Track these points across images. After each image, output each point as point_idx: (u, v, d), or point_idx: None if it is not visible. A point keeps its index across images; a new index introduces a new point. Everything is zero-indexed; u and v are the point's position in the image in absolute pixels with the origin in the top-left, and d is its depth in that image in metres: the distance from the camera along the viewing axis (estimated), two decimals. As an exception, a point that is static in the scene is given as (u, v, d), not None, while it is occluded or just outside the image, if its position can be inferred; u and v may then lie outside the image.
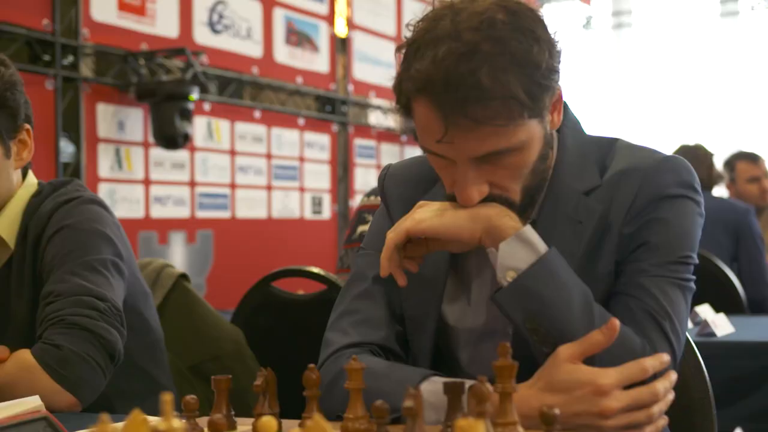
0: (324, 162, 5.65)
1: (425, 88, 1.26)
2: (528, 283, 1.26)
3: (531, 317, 1.26)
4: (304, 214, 5.45)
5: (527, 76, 1.25)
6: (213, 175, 4.74)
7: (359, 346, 1.43)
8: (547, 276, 1.26)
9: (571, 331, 1.24)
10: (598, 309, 1.29)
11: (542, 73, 1.27)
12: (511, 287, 1.27)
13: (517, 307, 1.27)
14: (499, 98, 1.24)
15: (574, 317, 1.26)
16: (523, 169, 1.32)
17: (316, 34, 5.56)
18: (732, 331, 2.67)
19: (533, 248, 1.27)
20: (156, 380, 2.05)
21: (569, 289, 1.27)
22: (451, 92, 1.24)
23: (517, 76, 1.24)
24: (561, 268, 1.28)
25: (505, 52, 1.24)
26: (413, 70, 1.28)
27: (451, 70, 1.23)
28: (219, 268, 4.70)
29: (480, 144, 1.27)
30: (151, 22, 4.37)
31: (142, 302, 2.01)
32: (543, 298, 1.25)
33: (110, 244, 1.85)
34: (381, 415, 1.08)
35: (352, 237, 2.92)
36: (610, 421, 1.20)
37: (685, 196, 1.36)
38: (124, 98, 4.22)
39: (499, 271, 1.28)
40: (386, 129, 6.25)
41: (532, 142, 1.31)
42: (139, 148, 4.30)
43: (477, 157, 1.28)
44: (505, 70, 1.23)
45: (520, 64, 1.24)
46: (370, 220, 2.85)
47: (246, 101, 5.03)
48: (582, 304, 1.27)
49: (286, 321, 2.42)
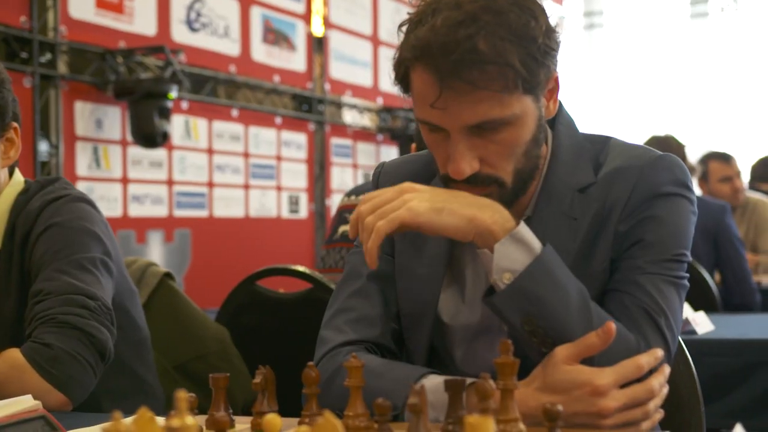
0: (301, 161, 5.65)
1: (422, 54, 1.28)
2: (526, 285, 1.25)
3: (529, 319, 1.25)
4: (281, 213, 5.44)
5: (523, 47, 1.27)
6: (190, 174, 4.73)
7: (355, 344, 1.43)
8: (544, 276, 1.25)
9: (570, 331, 1.25)
10: (595, 307, 1.29)
11: (538, 48, 1.29)
12: (508, 290, 1.26)
13: (515, 310, 1.26)
14: (494, 63, 1.26)
15: (572, 317, 1.26)
16: (515, 147, 1.32)
17: (293, 33, 5.55)
18: (712, 328, 2.70)
19: (528, 248, 1.26)
20: (143, 379, 2.05)
21: (566, 288, 1.27)
22: (447, 55, 1.25)
23: (513, 45, 1.26)
24: (556, 266, 1.27)
25: (503, 23, 1.26)
26: (412, 38, 1.31)
27: (449, 36, 1.26)
28: (197, 267, 4.68)
29: (473, 110, 1.28)
30: (128, 20, 4.35)
31: (129, 300, 2.00)
32: (541, 300, 1.25)
33: (99, 243, 1.85)
34: (383, 413, 1.09)
35: (333, 237, 2.92)
36: (607, 421, 1.21)
37: (679, 194, 1.38)
38: (102, 96, 4.20)
39: (495, 273, 1.26)
40: (362, 128, 6.25)
41: (525, 118, 1.32)
42: (117, 147, 4.28)
43: (470, 126, 1.28)
44: (502, 39, 1.26)
45: (517, 36, 1.27)
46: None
47: (223, 100, 5.01)
48: (579, 303, 1.27)
49: (272, 320, 2.42)
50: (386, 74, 6.78)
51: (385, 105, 6.41)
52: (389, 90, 6.48)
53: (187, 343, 2.31)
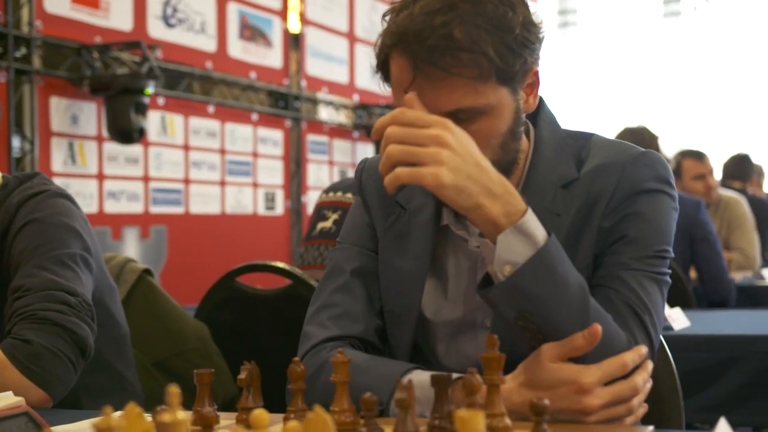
0: (277, 158, 5.63)
1: (399, 41, 1.30)
2: (523, 281, 1.23)
3: (523, 315, 1.24)
4: (257, 210, 5.43)
5: (499, 37, 1.28)
6: (167, 171, 4.70)
7: (339, 340, 1.43)
8: (544, 272, 1.23)
9: (563, 331, 1.24)
10: (594, 305, 1.28)
11: (514, 38, 1.30)
12: (505, 284, 1.24)
13: (510, 305, 1.25)
14: (468, 50, 1.27)
15: (568, 316, 1.25)
16: (491, 139, 1.33)
17: (269, 29, 5.54)
18: (688, 324, 2.73)
19: (532, 241, 1.24)
20: (122, 376, 2.04)
21: (566, 285, 1.25)
22: (422, 42, 1.27)
23: (489, 34, 1.28)
24: (558, 260, 1.25)
25: (480, 12, 1.28)
26: (391, 25, 1.33)
27: (425, 23, 1.27)
28: (173, 263, 4.66)
29: (448, 97, 1.29)
30: (104, 15, 4.32)
31: (108, 297, 1.99)
32: (538, 297, 1.23)
33: (79, 238, 1.84)
34: (370, 408, 1.09)
35: (311, 234, 2.91)
36: (591, 418, 1.22)
37: (662, 190, 1.40)
38: (77, 92, 4.17)
39: (496, 264, 1.24)
40: (338, 125, 6.25)
41: (501, 109, 1.32)
42: (92, 143, 4.25)
43: (444, 113, 1.28)
44: (477, 27, 1.27)
45: (494, 25, 1.28)
46: (329, 216, 2.86)
47: (200, 96, 4.99)
48: (578, 301, 1.25)
49: (251, 316, 2.41)
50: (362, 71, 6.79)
51: (362, 102, 6.41)
52: (365, 87, 6.48)
53: (166, 340, 2.30)
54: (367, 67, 6.51)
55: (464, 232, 1.46)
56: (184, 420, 0.81)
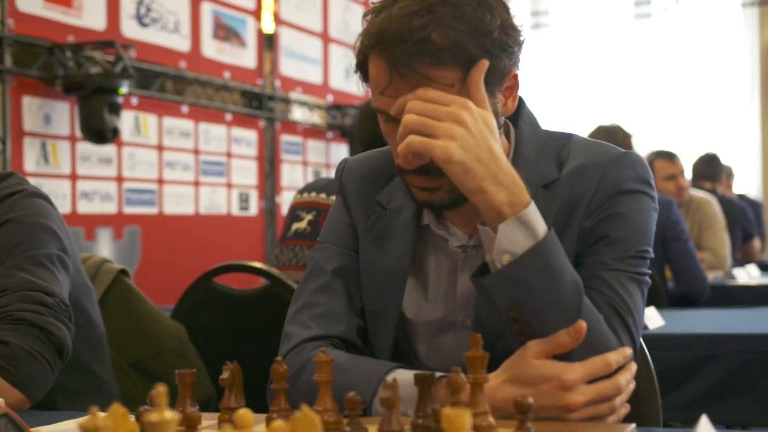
0: (251, 158, 5.62)
1: (377, 42, 1.30)
2: (520, 271, 1.24)
3: (515, 305, 1.25)
4: (231, 211, 5.41)
5: (476, 40, 1.29)
6: (140, 171, 4.68)
7: (321, 340, 1.43)
8: (540, 264, 1.24)
9: (551, 326, 1.25)
10: (588, 306, 1.28)
11: (492, 42, 1.30)
12: (502, 273, 1.25)
13: (503, 294, 1.25)
14: (446, 54, 1.28)
15: (558, 312, 1.25)
16: None
17: (243, 29, 5.53)
18: (663, 324, 2.75)
19: (532, 232, 1.25)
20: (98, 377, 2.03)
21: (560, 280, 1.25)
22: (400, 44, 1.27)
23: (467, 37, 1.28)
24: (556, 255, 1.26)
25: (458, 15, 1.28)
26: (370, 26, 1.33)
27: (403, 25, 1.28)
28: (146, 264, 4.64)
29: None
30: (77, 14, 4.29)
31: (85, 297, 1.98)
32: (531, 289, 1.24)
33: (55, 238, 1.83)
34: (354, 407, 1.09)
35: (286, 235, 2.91)
36: (574, 415, 1.23)
37: (642, 191, 1.41)
38: (50, 91, 4.13)
39: (495, 253, 1.25)
40: (312, 125, 6.24)
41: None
42: (65, 143, 4.22)
43: None
44: (456, 30, 1.28)
45: (472, 28, 1.29)
46: (304, 217, 2.85)
47: (174, 96, 4.97)
48: (570, 298, 1.26)
49: (229, 317, 2.41)
50: (336, 71, 6.78)
51: (335, 102, 6.40)
52: (339, 87, 6.47)
53: (143, 341, 2.28)
54: (341, 67, 6.51)
55: (445, 231, 1.46)
56: (173, 419, 0.81)
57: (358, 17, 6.83)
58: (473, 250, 1.44)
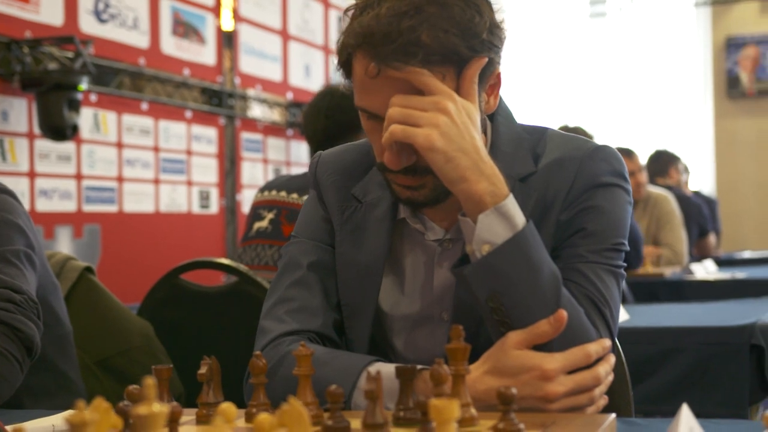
0: (211, 156, 5.58)
1: (364, 42, 1.29)
2: (498, 262, 1.25)
3: (495, 296, 1.26)
4: (191, 209, 5.37)
5: (465, 41, 1.29)
6: (100, 168, 4.62)
7: (297, 334, 1.43)
8: (518, 255, 1.25)
9: (530, 316, 1.26)
10: (566, 297, 1.30)
11: (481, 43, 1.31)
12: (481, 262, 1.26)
13: (483, 285, 1.26)
14: (434, 55, 1.28)
15: (537, 303, 1.26)
16: None
17: (202, 26, 5.48)
18: (627, 318, 2.78)
19: (511, 223, 1.26)
20: (65, 375, 2.00)
21: (539, 271, 1.27)
22: (389, 44, 1.27)
23: (456, 38, 1.28)
24: (534, 246, 1.27)
25: (447, 16, 1.28)
26: (356, 25, 1.32)
27: (392, 25, 1.27)
28: (107, 263, 4.58)
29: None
30: (35, 9, 4.23)
31: (51, 295, 1.96)
32: (510, 279, 1.25)
33: (22, 235, 1.81)
34: (336, 400, 1.09)
35: (249, 234, 2.89)
36: (554, 405, 1.23)
37: (617, 184, 1.42)
38: (7, 88, 4.07)
39: (475, 243, 1.26)
40: (272, 123, 6.21)
41: None
42: (23, 140, 4.16)
43: None
44: (445, 31, 1.28)
45: (460, 29, 1.29)
46: (265, 216, 2.84)
47: (133, 93, 4.92)
48: (549, 289, 1.27)
49: (196, 314, 2.39)
50: (296, 69, 6.73)
51: (295, 100, 6.38)
52: (299, 85, 6.45)
53: (109, 339, 2.26)
54: (300, 65, 6.49)
55: (421, 225, 1.46)
56: (162, 413, 0.80)
57: (318, 15, 6.83)
58: (450, 243, 1.45)
